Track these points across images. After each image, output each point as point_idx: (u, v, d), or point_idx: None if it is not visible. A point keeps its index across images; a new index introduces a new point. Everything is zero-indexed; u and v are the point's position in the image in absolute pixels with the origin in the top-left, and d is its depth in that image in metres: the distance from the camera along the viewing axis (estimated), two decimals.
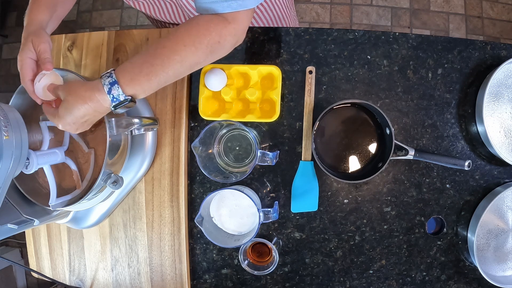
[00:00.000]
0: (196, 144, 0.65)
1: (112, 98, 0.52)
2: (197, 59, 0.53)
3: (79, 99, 0.52)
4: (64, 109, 0.53)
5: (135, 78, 0.52)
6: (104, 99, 0.52)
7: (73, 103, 0.52)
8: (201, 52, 0.52)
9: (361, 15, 1.82)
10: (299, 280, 0.76)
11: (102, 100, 0.52)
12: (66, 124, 0.54)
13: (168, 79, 0.54)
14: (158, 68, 0.51)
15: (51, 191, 0.62)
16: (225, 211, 0.71)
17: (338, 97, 0.75)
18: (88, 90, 0.52)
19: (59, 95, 0.55)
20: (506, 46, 0.74)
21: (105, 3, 2.00)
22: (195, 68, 0.55)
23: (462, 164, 0.68)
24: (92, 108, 0.53)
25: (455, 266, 0.75)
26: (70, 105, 0.52)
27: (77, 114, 0.53)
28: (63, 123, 0.54)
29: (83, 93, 0.52)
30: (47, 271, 0.82)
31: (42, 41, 0.56)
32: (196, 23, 0.52)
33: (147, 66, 0.51)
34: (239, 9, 0.51)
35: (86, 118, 0.54)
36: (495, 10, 1.80)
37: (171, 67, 0.52)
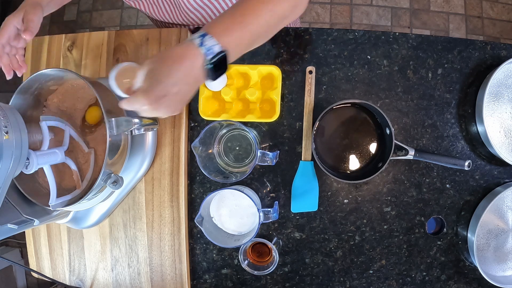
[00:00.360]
0: (196, 144, 0.65)
1: (207, 50, 0.45)
2: (284, 11, 0.50)
3: (167, 60, 0.45)
4: (149, 80, 0.45)
5: (228, 28, 0.47)
6: (196, 53, 0.45)
7: (160, 68, 0.45)
8: (287, 4, 0.50)
9: (361, 15, 1.82)
10: (299, 280, 0.76)
11: (194, 55, 0.45)
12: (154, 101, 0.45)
13: (259, 33, 0.50)
14: (251, 18, 0.48)
15: (51, 191, 0.62)
16: (225, 211, 0.71)
17: (338, 97, 0.75)
18: (176, 49, 0.46)
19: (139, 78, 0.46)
20: (506, 46, 0.74)
21: (105, 3, 2.00)
22: (283, 22, 0.52)
23: (462, 164, 0.68)
24: (183, 71, 0.45)
25: (455, 266, 0.75)
26: (157, 72, 0.45)
27: (166, 81, 0.45)
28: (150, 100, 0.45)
29: (169, 54, 0.45)
30: (47, 271, 0.82)
31: (34, 13, 0.57)
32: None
33: (238, 15, 0.48)
34: None
35: (177, 88, 0.45)
36: (495, 10, 1.80)
37: (262, 16, 0.49)
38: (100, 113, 0.71)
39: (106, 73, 0.79)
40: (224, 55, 0.46)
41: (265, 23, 0.49)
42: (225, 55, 0.46)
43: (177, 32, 0.77)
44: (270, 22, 0.50)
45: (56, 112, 0.71)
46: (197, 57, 0.45)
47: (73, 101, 0.72)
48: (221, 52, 0.46)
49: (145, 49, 0.78)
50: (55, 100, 0.71)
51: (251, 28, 0.48)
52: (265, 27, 0.50)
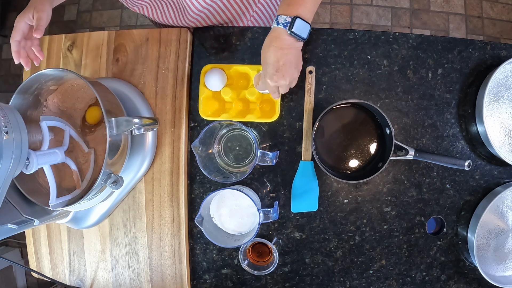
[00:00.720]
0: (196, 144, 0.65)
1: (282, 25, 0.59)
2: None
3: (265, 48, 0.61)
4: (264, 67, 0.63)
5: (289, 3, 0.60)
6: (278, 30, 0.59)
7: (263, 55, 0.62)
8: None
9: (361, 15, 1.82)
10: (299, 280, 0.76)
11: (277, 32, 0.60)
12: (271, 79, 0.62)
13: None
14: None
15: (51, 191, 0.62)
16: (225, 211, 0.70)
17: (338, 97, 0.75)
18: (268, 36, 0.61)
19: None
20: (506, 46, 0.74)
21: (105, 3, 2.00)
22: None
23: (462, 164, 0.68)
24: (277, 48, 0.60)
25: (455, 266, 0.75)
26: (263, 58, 0.62)
27: (271, 62, 0.60)
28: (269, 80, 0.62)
29: (265, 42, 0.62)
30: (47, 271, 0.82)
31: (42, 10, 0.62)
32: None
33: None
34: None
35: (282, 61, 0.60)
36: (495, 10, 1.80)
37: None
38: (100, 113, 0.71)
39: (106, 73, 0.79)
40: (295, 20, 0.58)
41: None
42: (295, 19, 0.58)
43: (177, 32, 0.77)
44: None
45: (56, 112, 0.71)
46: (280, 31, 0.60)
47: (73, 101, 0.72)
48: (294, 18, 0.58)
49: (145, 49, 0.78)
50: (55, 100, 0.71)
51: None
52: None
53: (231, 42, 0.78)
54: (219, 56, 0.78)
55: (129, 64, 0.78)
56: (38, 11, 0.62)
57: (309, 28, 0.60)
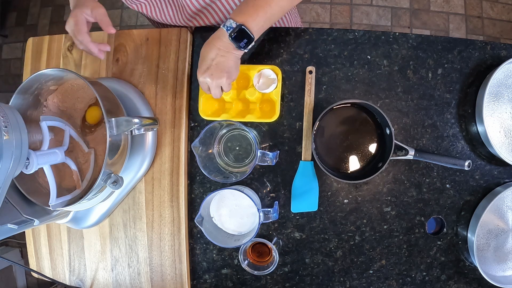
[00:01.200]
0: (196, 144, 0.65)
1: (227, 28, 0.60)
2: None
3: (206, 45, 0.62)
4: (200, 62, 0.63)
5: (241, 10, 0.61)
6: (221, 32, 0.60)
7: (202, 52, 0.63)
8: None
9: (361, 15, 1.82)
10: (299, 280, 0.76)
11: (221, 35, 0.60)
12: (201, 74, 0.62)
13: (273, 11, 0.61)
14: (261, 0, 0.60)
15: (51, 191, 0.62)
16: (225, 211, 0.71)
17: (338, 97, 0.75)
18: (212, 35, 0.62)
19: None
20: (506, 46, 0.74)
21: (105, 3, 1.99)
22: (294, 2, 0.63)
23: (462, 164, 0.68)
24: (216, 48, 0.61)
25: (455, 266, 0.75)
26: (201, 55, 0.63)
27: (206, 59, 0.62)
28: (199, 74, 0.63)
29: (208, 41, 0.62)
30: (47, 271, 0.82)
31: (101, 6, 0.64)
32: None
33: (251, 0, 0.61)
34: None
35: (215, 60, 0.61)
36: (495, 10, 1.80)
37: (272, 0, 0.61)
38: (100, 113, 0.71)
39: (106, 73, 0.79)
40: (241, 28, 0.59)
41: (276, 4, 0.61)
42: (242, 28, 0.59)
43: (177, 32, 0.77)
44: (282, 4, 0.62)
45: (56, 112, 0.71)
46: (222, 34, 0.60)
47: (73, 101, 0.72)
48: (238, 26, 0.59)
49: (145, 49, 0.78)
50: (55, 100, 0.71)
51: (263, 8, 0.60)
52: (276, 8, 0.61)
53: None
54: None
55: (129, 64, 0.78)
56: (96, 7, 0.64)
57: (252, 40, 0.60)
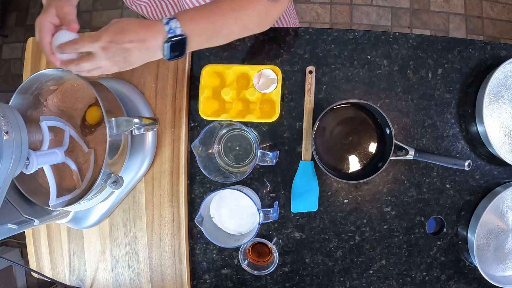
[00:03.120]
0: (196, 144, 0.65)
1: (169, 29, 0.51)
2: (247, 23, 0.58)
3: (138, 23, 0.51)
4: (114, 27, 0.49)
5: (193, 18, 0.53)
6: (161, 29, 0.51)
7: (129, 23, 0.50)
8: (253, 18, 0.58)
9: (361, 15, 1.82)
10: (299, 280, 0.76)
11: (159, 30, 0.51)
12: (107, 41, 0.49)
13: (221, 34, 0.56)
14: (216, 17, 0.55)
15: (51, 191, 0.62)
16: (225, 211, 0.71)
17: (338, 97, 0.75)
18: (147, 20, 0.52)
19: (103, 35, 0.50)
20: (506, 46, 0.74)
21: (105, 3, 2.00)
22: (243, 32, 0.60)
23: (462, 164, 0.68)
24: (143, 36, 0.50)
25: (455, 266, 0.75)
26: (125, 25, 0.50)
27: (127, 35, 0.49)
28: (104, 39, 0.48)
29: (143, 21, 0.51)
30: (47, 271, 0.82)
31: (67, 4, 0.54)
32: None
33: (206, 11, 0.55)
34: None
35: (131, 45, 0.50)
36: (495, 10, 1.80)
37: (227, 20, 0.56)
38: (100, 113, 0.71)
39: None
40: (183, 39, 0.52)
41: (228, 27, 0.56)
42: (184, 40, 0.52)
43: None
44: (233, 28, 0.57)
45: (56, 112, 0.71)
46: (161, 32, 0.51)
47: (73, 101, 0.72)
48: (181, 35, 0.52)
49: None
50: (55, 100, 0.71)
51: (214, 26, 0.55)
52: (227, 30, 0.57)
53: (231, 42, 0.77)
54: (219, 56, 0.78)
55: None
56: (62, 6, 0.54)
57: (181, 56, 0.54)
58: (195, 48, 0.55)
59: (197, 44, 0.55)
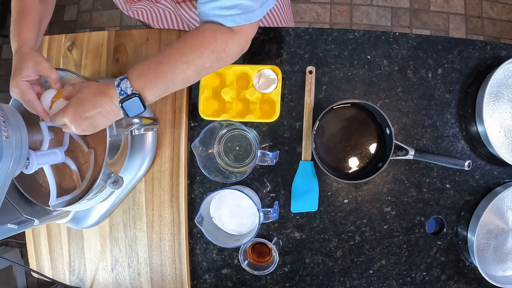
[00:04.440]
0: (196, 144, 0.65)
1: (120, 91, 0.52)
2: (203, 63, 0.55)
3: (95, 91, 0.53)
4: (75, 100, 0.53)
5: (142, 73, 0.53)
6: (113, 93, 0.52)
7: (88, 94, 0.53)
8: (207, 57, 0.54)
9: (361, 15, 1.82)
10: (299, 280, 0.76)
11: (112, 95, 0.52)
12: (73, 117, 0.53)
13: (175, 81, 0.54)
14: (165, 66, 0.53)
15: (51, 191, 0.62)
16: (225, 211, 0.71)
17: (338, 97, 0.75)
18: (105, 86, 0.54)
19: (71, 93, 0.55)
20: (506, 46, 0.74)
21: (105, 3, 2.00)
22: (202, 73, 0.56)
23: (462, 164, 0.68)
24: (102, 103, 0.53)
25: (455, 266, 0.75)
26: (84, 96, 0.53)
27: (86, 107, 0.52)
28: (70, 116, 0.53)
29: (100, 87, 0.53)
30: (47, 271, 0.82)
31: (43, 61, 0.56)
32: (203, 30, 0.54)
33: (154, 63, 0.53)
34: (243, 23, 0.54)
35: (92, 115, 0.53)
36: (495, 10, 1.80)
37: (177, 67, 0.53)
38: None
39: (106, 73, 0.79)
40: (137, 97, 0.52)
41: (180, 72, 0.54)
42: (138, 97, 0.52)
43: (177, 32, 0.77)
44: (188, 73, 0.54)
45: None
46: (114, 95, 0.52)
47: None
48: (134, 94, 0.52)
49: (145, 49, 0.78)
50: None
51: (165, 76, 0.53)
52: (181, 76, 0.54)
53: None
54: None
55: (129, 64, 0.78)
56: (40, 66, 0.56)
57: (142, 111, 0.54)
58: (154, 100, 0.55)
59: (154, 97, 0.55)
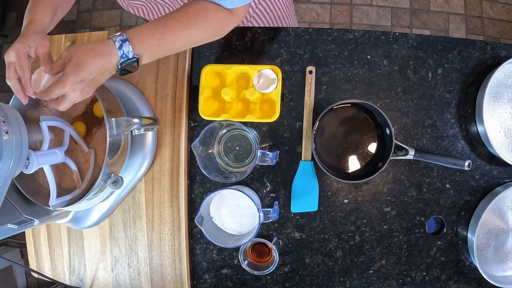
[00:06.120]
0: (196, 144, 0.65)
1: (122, 54, 0.53)
2: (202, 38, 0.60)
3: (90, 52, 0.52)
4: (73, 66, 0.51)
5: (146, 41, 0.55)
6: (114, 54, 0.53)
7: (83, 57, 0.51)
8: (207, 33, 0.59)
9: (361, 15, 1.82)
10: (299, 280, 0.76)
11: (112, 55, 0.53)
12: (73, 83, 0.51)
13: (174, 49, 0.58)
14: (169, 38, 0.56)
15: (51, 191, 0.62)
16: (225, 211, 0.71)
17: (338, 97, 0.75)
18: (99, 45, 0.53)
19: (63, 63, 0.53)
20: (506, 46, 0.74)
21: (105, 3, 2.00)
22: (197, 44, 0.61)
23: (462, 164, 0.68)
24: (102, 63, 0.52)
25: (455, 266, 0.75)
26: (81, 60, 0.51)
27: (86, 69, 0.51)
28: (70, 82, 0.51)
29: (94, 47, 0.53)
30: (47, 271, 0.82)
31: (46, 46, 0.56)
32: (207, 8, 0.58)
33: (159, 32, 0.55)
34: (239, 5, 0.59)
35: (93, 75, 0.52)
36: (495, 10, 1.80)
37: (180, 39, 0.57)
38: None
39: None
40: (135, 60, 0.54)
41: (181, 44, 0.58)
42: (136, 60, 0.54)
43: None
44: (186, 44, 0.59)
45: (56, 112, 0.71)
46: (114, 56, 0.53)
47: None
48: (134, 58, 0.54)
49: None
50: None
51: (166, 45, 0.56)
52: (179, 47, 0.59)
53: (231, 42, 0.78)
54: (219, 56, 0.78)
55: None
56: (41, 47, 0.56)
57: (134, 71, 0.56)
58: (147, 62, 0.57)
59: (148, 61, 0.57)
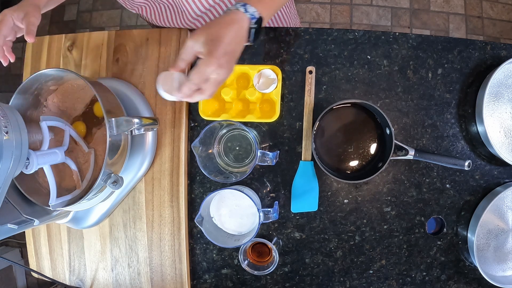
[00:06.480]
0: (196, 144, 0.65)
1: (251, 15, 0.54)
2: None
3: (221, 24, 0.53)
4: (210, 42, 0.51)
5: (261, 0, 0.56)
6: (243, 18, 0.53)
7: (217, 30, 0.52)
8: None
9: (361, 15, 1.82)
10: (299, 280, 0.76)
11: (241, 20, 0.53)
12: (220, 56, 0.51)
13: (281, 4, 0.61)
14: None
15: (51, 191, 0.62)
16: (225, 211, 0.71)
17: (338, 97, 0.75)
18: (224, 16, 0.54)
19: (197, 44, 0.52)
20: (506, 46, 0.74)
21: (105, 3, 2.00)
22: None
23: (462, 164, 0.68)
24: (234, 31, 0.53)
25: (455, 266, 0.75)
26: (215, 34, 0.51)
27: (224, 40, 0.51)
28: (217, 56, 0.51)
29: (220, 20, 0.53)
30: (47, 271, 0.82)
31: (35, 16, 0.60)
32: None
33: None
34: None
35: (231, 46, 0.52)
36: (495, 10, 1.80)
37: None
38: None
39: (106, 73, 0.79)
40: (261, 21, 0.56)
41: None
42: (261, 21, 0.56)
43: (177, 32, 0.77)
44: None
45: (56, 112, 0.71)
46: (244, 21, 0.54)
47: (73, 101, 0.72)
48: (259, 17, 0.55)
49: (145, 49, 0.78)
50: (55, 100, 0.71)
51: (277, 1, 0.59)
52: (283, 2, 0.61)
53: None
54: None
55: (129, 64, 0.78)
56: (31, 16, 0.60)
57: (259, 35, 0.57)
58: (264, 24, 0.58)
59: (266, 20, 0.57)
